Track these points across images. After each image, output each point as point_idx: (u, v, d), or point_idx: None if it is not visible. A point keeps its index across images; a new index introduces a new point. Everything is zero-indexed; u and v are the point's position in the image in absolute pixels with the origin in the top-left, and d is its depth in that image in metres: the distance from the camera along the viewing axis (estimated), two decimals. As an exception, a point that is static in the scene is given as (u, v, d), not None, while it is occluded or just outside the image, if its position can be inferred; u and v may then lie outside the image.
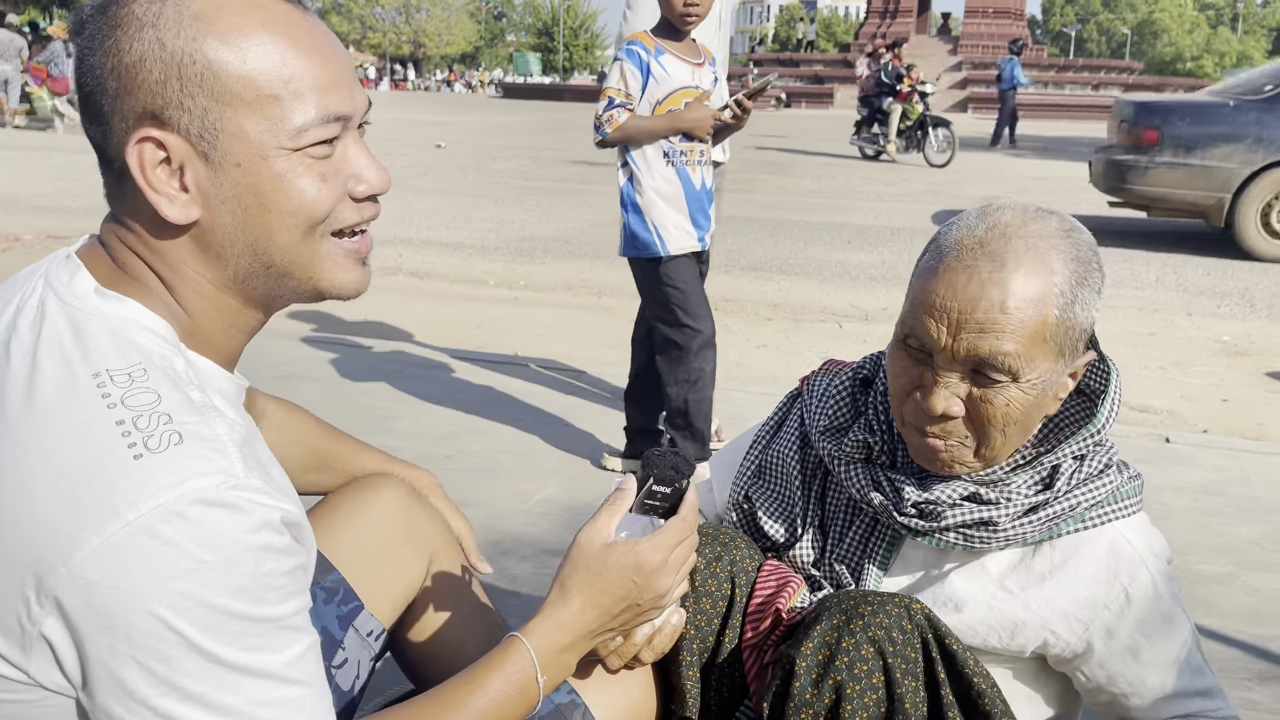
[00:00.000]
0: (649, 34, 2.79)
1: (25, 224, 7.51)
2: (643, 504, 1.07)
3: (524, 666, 0.99)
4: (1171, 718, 1.19)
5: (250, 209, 0.85)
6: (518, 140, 17.09)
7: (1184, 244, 8.24)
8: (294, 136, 0.84)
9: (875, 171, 13.09)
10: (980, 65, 36.30)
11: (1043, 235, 1.10)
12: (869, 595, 1.12)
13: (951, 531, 1.18)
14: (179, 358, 0.86)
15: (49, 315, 0.83)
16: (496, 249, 7.28)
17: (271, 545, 0.79)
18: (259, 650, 0.78)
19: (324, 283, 0.90)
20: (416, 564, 1.37)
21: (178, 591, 0.74)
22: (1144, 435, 3.52)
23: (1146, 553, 1.17)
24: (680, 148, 2.77)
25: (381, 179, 0.91)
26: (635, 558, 1.02)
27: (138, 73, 0.82)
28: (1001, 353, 1.07)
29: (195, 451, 0.78)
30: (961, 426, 1.13)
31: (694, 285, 2.84)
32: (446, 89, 55.62)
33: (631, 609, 1.04)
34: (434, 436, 3.23)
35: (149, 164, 0.83)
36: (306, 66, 0.85)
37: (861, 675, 1.07)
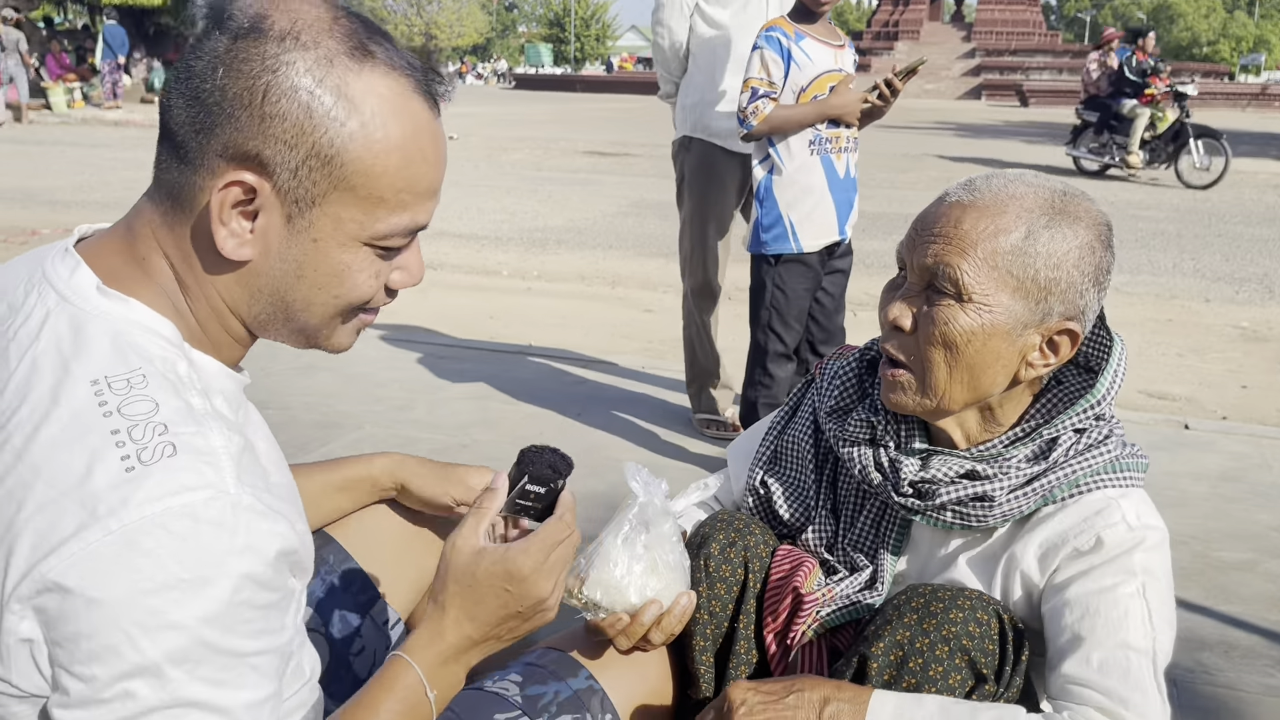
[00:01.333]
0: (785, 19, 2.69)
1: (42, 218, 7.56)
2: (514, 504, 1.02)
3: (411, 683, 0.97)
4: (1059, 702, 1.07)
5: (304, 278, 0.86)
6: (530, 131, 17.09)
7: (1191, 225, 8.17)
8: (376, 237, 0.86)
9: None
10: (994, 52, 36.09)
11: (1025, 182, 1.12)
12: (940, 591, 1.11)
13: (948, 510, 1.16)
14: (182, 360, 0.85)
15: (50, 315, 0.82)
16: (509, 239, 7.29)
17: (252, 574, 0.76)
18: (218, 685, 0.76)
19: (328, 344, 0.93)
20: (431, 552, 1.37)
21: (148, 607, 0.73)
22: (1163, 422, 3.49)
23: (1135, 519, 1.11)
24: (826, 134, 2.66)
25: (420, 277, 0.93)
26: (505, 565, 0.98)
27: (273, 125, 0.80)
28: (946, 262, 1.10)
29: (187, 465, 0.76)
30: (910, 345, 1.14)
31: (800, 296, 2.76)
32: (458, 80, 55.62)
33: (514, 617, 0.99)
34: (449, 427, 3.24)
35: (230, 200, 0.82)
36: (419, 180, 0.86)
37: (937, 677, 1.06)
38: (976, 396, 1.15)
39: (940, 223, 1.12)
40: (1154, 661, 1.05)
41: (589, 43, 71.08)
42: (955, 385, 1.13)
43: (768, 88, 2.64)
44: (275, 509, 0.80)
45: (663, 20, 3.17)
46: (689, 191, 3.23)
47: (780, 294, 2.75)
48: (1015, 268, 1.09)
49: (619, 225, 7.99)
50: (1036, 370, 1.14)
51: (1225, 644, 2.11)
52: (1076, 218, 1.11)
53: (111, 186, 9.40)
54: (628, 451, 3.10)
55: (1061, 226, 1.10)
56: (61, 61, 19.37)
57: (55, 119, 17.16)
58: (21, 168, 10.61)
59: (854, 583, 1.24)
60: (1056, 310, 1.11)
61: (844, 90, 2.64)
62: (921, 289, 1.14)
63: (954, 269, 1.10)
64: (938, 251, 1.11)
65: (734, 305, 5.28)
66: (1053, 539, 1.13)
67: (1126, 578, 1.08)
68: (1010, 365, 1.14)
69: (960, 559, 1.19)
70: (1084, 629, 1.07)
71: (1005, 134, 18.43)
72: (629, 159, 12.96)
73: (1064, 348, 1.14)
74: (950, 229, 1.11)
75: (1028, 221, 1.10)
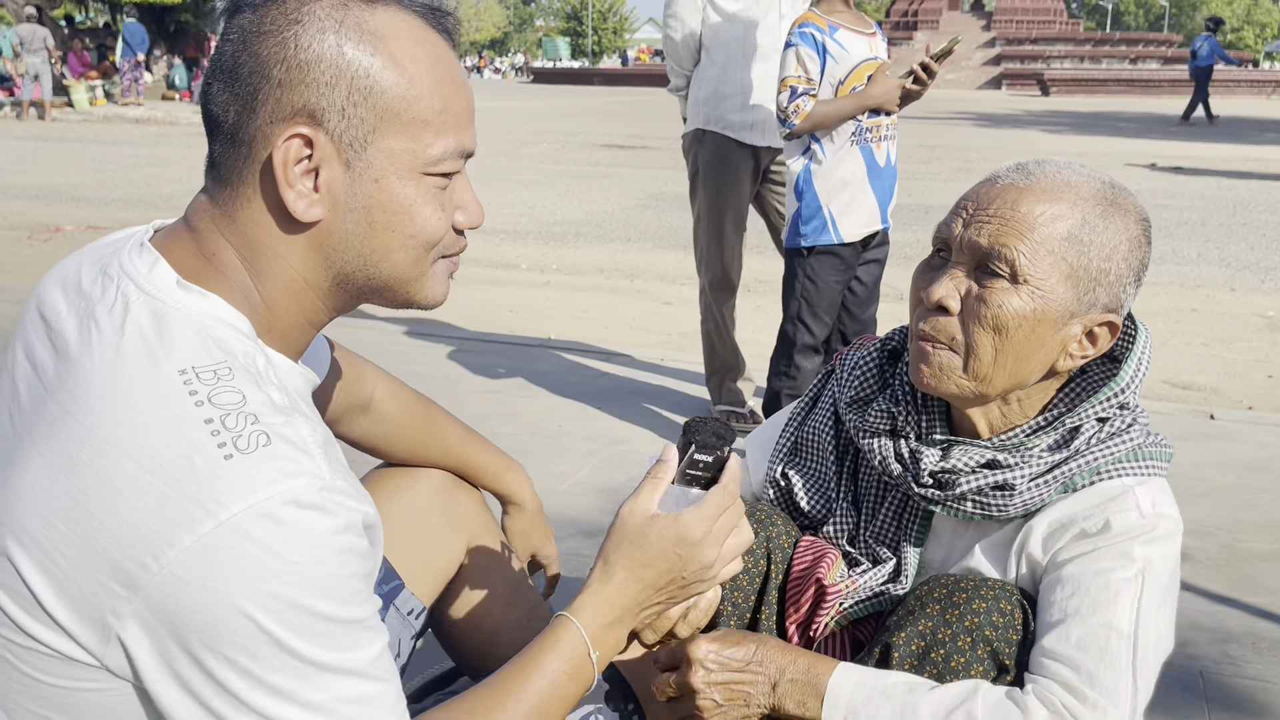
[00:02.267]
0: (816, 11, 2.67)
1: (66, 214, 7.63)
2: (684, 474, 1.06)
3: (576, 645, 0.99)
4: (1033, 676, 1.07)
5: (376, 224, 0.87)
6: (548, 125, 17.09)
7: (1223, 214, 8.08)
8: (431, 163, 0.88)
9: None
10: (1014, 41, 35.79)
11: (1076, 171, 1.12)
12: (963, 581, 1.11)
13: (968, 499, 1.15)
14: (260, 354, 0.86)
15: (131, 307, 0.83)
16: (528, 233, 7.30)
17: (354, 548, 0.80)
18: (345, 650, 0.80)
19: (419, 296, 0.94)
20: (456, 544, 1.37)
21: (268, 592, 0.76)
22: (1188, 413, 3.46)
23: (1149, 506, 1.10)
24: (868, 124, 2.65)
25: (481, 215, 0.95)
26: (678, 530, 1.01)
27: (310, 70, 0.83)
28: (1003, 243, 1.08)
29: (283, 453, 0.78)
30: (954, 326, 1.12)
31: (830, 288, 2.75)
32: (476, 75, 55.70)
33: (676, 582, 1.03)
34: (469, 419, 3.23)
35: (292, 159, 0.84)
36: (455, 101, 0.89)
37: (959, 667, 1.06)
38: (1016, 383, 1.14)
39: (996, 203, 1.11)
40: (1134, 646, 1.04)
41: (606, 36, 70.98)
42: (999, 370, 1.12)
43: (806, 85, 2.62)
44: (361, 490, 0.84)
45: (675, 13, 3.16)
46: (704, 185, 3.22)
47: (811, 285, 2.74)
48: (1070, 255, 1.08)
49: (637, 218, 7.98)
50: (1074, 361, 1.13)
51: (1252, 635, 2.09)
52: (1126, 210, 1.11)
53: (134, 183, 9.48)
54: (649, 444, 3.10)
55: (1114, 218, 1.10)
56: (84, 59, 19.54)
57: (78, 116, 17.31)
58: (45, 165, 10.71)
59: (877, 575, 1.23)
60: (1101, 301, 1.11)
61: (881, 79, 2.62)
62: (971, 270, 1.12)
63: (1011, 250, 1.08)
64: (994, 232, 1.09)
65: (753, 297, 5.27)
66: (1062, 519, 1.12)
67: (1125, 562, 1.07)
68: (1052, 354, 1.12)
69: (977, 548, 1.19)
70: (1071, 606, 1.06)
71: (1026, 123, 18.29)
72: (647, 151, 12.94)
73: (1102, 340, 1.13)
74: (1008, 210, 1.10)
75: (1084, 210, 1.09)
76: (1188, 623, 2.14)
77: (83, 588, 0.77)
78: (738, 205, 3.21)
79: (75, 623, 0.78)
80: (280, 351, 0.90)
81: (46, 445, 0.80)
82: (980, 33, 36.39)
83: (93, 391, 0.80)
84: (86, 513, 0.76)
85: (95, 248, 0.91)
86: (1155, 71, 32.11)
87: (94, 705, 0.81)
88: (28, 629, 0.79)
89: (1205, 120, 18.01)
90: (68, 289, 0.87)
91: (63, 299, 0.87)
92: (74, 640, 0.78)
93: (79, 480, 0.77)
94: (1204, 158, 12.52)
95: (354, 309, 0.96)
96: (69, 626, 0.78)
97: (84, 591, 0.77)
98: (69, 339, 0.83)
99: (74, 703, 0.81)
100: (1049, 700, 1.02)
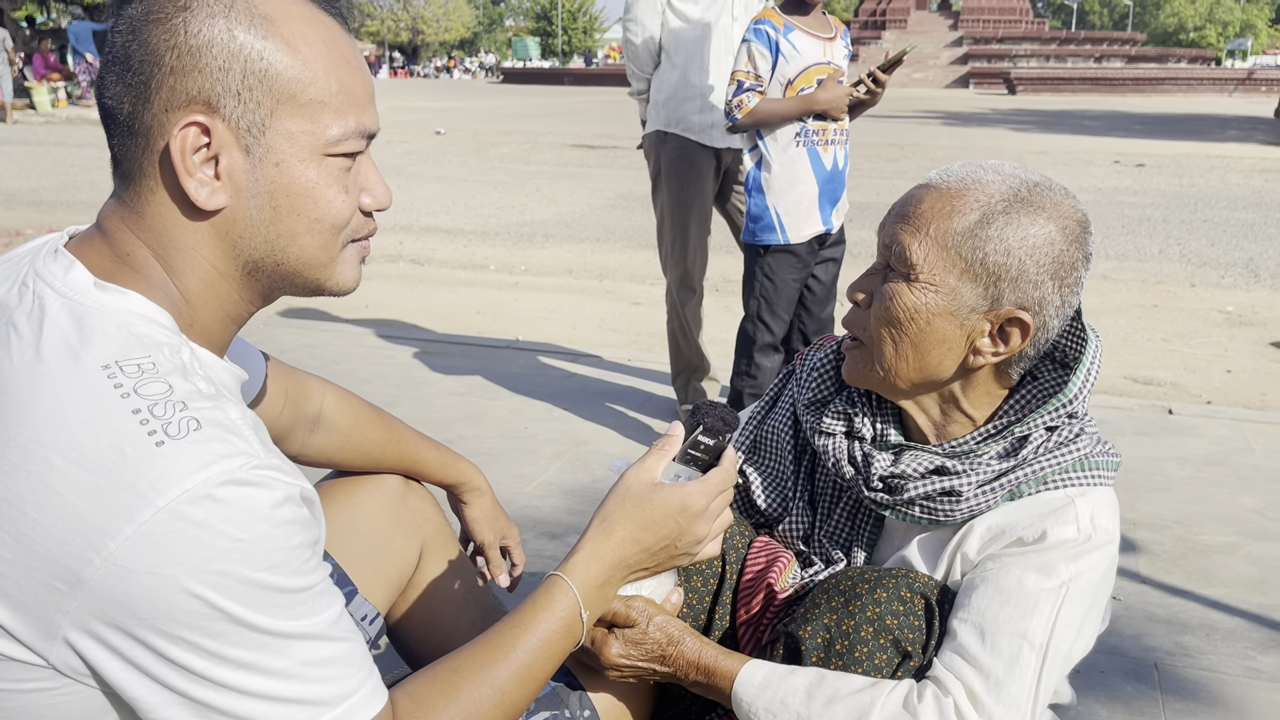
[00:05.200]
0: (776, 10, 2.70)
1: (27, 219, 7.52)
2: (686, 453, 1.09)
3: (568, 604, 1.01)
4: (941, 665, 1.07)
5: (280, 208, 0.87)
6: (517, 125, 17.05)
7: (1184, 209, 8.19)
8: (331, 144, 0.88)
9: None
10: (981, 40, 36.11)
11: (996, 171, 1.14)
12: (866, 573, 1.12)
13: (916, 505, 1.17)
14: (185, 348, 0.86)
15: (49, 309, 0.82)
16: (497, 234, 7.27)
17: (296, 518, 0.81)
18: (302, 617, 0.81)
19: (330, 282, 0.93)
20: (409, 549, 1.37)
21: (216, 570, 0.76)
22: (1147, 407, 3.51)
23: (1088, 520, 1.10)
24: (814, 127, 2.66)
25: (388, 196, 0.95)
26: (682, 499, 1.05)
27: (201, 56, 0.83)
28: (900, 242, 1.13)
29: (215, 435, 0.79)
30: (864, 320, 1.17)
31: (788, 286, 2.77)
32: (446, 75, 55.45)
33: (668, 549, 1.06)
34: (435, 422, 3.24)
35: (189, 148, 0.84)
36: (352, 81, 0.89)
37: (863, 657, 1.07)
38: (924, 377, 1.16)
39: (906, 204, 1.15)
40: (1044, 658, 1.05)
41: (576, 36, 70.89)
42: (900, 361, 1.15)
43: (753, 81, 2.66)
44: (295, 468, 0.84)
45: (635, 17, 3.18)
46: (667, 186, 3.23)
47: (769, 283, 2.76)
48: (964, 250, 1.10)
49: (606, 218, 7.98)
50: (986, 358, 1.14)
51: (1207, 627, 2.12)
52: (1039, 208, 1.11)
53: (96, 186, 9.35)
54: (615, 444, 3.10)
55: (1019, 215, 1.10)
56: (48, 61, 19.24)
57: (39, 119, 17.06)
58: (5, 168, 10.55)
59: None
60: (1007, 298, 1.11)
61: (830, 85, 2.65)
62: (882, 268, 1.17)
63: (905, 247, 1.12)
64: (895, 231, 1.14)
65: (720, 297, 5.28)
66: (1002, 525, 1.13)
67: (1051, 575, 1.08)
68: (957, 349, 1.14)
69: (914, 545, 1.20)
70: (991, 610, 1.07)
71: (993, 122, 18.46)
72: (617, 151, 12.94)
73: (1015, 338, 1.13)
74: (911, 210, 1.14)
75: (984, 207, 1.10)
76: (1143, 615, 2.17)
77: (22, 588, 0.76)
78: (702, 206, 3.23)
79: (16, 623, 0.77)
80: (204, 347, 0.90)
81: None
82: (948, 32, 36.68)
83: (14, 394, 0.79)
84: (19, 512, 0.76)
85: (7, 259, 0.91)
86: (1119, 70, 32.51)
87: (35, 706, 0.80)
88: None
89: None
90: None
91: None
92: (16, 641, 0.78)
93: (8, 480, 0.76)
94: (1166, 155, 12.70)
95: (273, 300, 0.95)
96: (10, 627, 0.77)
97: (24, 591, 0.76)
98: None
99: (15, 705, 0.80)
100: (944, 709, 1.02)
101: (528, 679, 0.98)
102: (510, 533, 1.52)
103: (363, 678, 0.86)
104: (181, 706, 0.79)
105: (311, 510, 0.85)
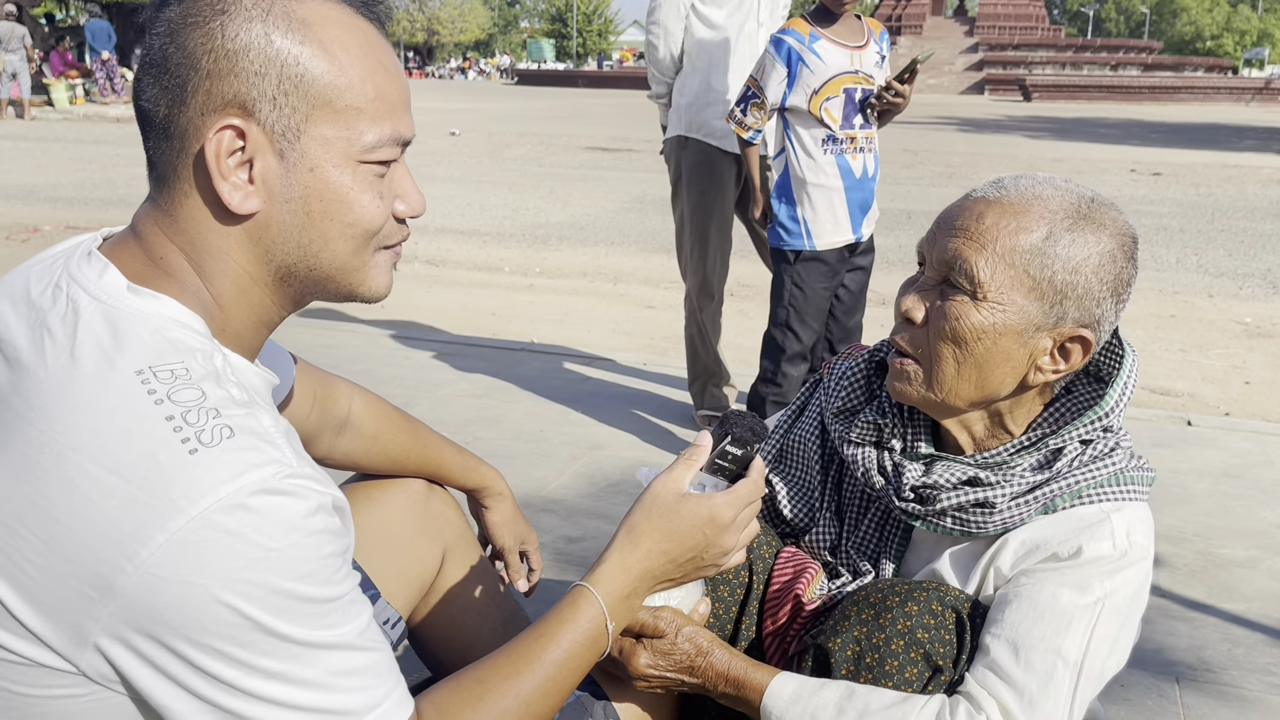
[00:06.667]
0: (804, 19, 2.68)
1: (44, 215, 7.56)
2: (714, 463, 1.08)
3: (594, 615, 1.00)
4: (973, 679, 1.07)
5: (313, 213, 0.87)
6: (532, 127, 17.07)
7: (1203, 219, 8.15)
8: (366, 151, 0.87)
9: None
10: (997, 47, 36.02)
11: (1053, 185, 1.12)
12: (896, 585, 1.11)
13: (948, 515, 1.15)
14: (217, 353, 0.86)
15: (83, 313, 0.82)
16: (511, 236, 7.28)
17: (328, 528, 0.81)
18: (332, 626, 0.81)
19: (362, 288, 0.93)
20: (431, 553, 1.37)
21: (248, 580, 0.76)
22: (1166, 419, 3.48)
23: (1123, 536, 1.10)
24: (841, 135, 2.66)
25: (422, 203, 0.95)
26: (709, 510, 1.04)
27: (238, 60, 0.83)
28: (964, 256, 1.10)
29: (248, 444, 0.78)
30: (920, 337, 1.14)
31: (818, 294, 2.75)
32: (460, 76, 55.60)
33: (694, 561, 1.05)
34: (452, 423, 3.24)
35: (224, 151, 0.84)
36: (388, 87, 0.89)
37: (893, 670, 1.06)
38: (983, 396, 1.14)
39: (963, 217, 1.12)
40: (1079, 675, 1.05)
41: (591, 38, 70.96)
42: (962, 382, 1.12)
43: (757, 90, 2.70)
44: (327, 477, 0.84)
45: (659, 20, 3.17)
46: (688, 191, 3.22)
47: (799, 292, 2.74)
48: (1033, 267, 1.08)
49: (621, 221, 7.98)
50: (1045, 376, 1.13)
51: (1229, 641, 2.11)
52: (1101, 225, 1.10)
53: (114, 183, 9.40)
54: (631, 448, 3.10)
55: (1084, 232, 1.09)
56: (66, 58, 19.36)
57: (57, 115, 17.16)
58: (23, 164, 10.61)
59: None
60: (1071, 315, 1.10)
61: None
62: (938, 283, 1.14)
63: (970, 264, 1.09)
64: (957, 246, 1.11)
65: (736, 302, 5.27)
66: (1037, 540, 1.12)
67: (1086, 591, 1.07)
68: (1019, 367, 1.12)
69: (946, 558, 1.19)
70: (1025, 626, 1.06)
71: (1008, 129, 18.41)
72: (631, 154, 12.94)
73: (1075, 355, 1.12)
74: (972, 224, 1.11)
75: (1050, 223, 1.09)
76: (1164, 629, 2.15)
77: (54, 594, 0.76)
78: (722, 212, 3.22)
79: (48, 630, 0.77)
80: (236, 352, 0.90)
81: (3, 453, 0.79)
82: (963, 38, 36.61)
83: (48, 397, 0.79)
84: (52, 518, 0.76)
85: (41, 259, 0.91)
86: (1136, 78, 32.38)
87: (66, 712, 0.80)
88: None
89: None
90: (16, 301, 0.86)
91: (10, 311, 0.86)
92: (48, 647, 0.78)
93: (41, 486, 0.76)
94: (1183, 164, 12.64)
95: (304, 305, 0.95)
96: (41, 634, 0.77)
97: (56, 598, 0.76)
98: (20, 348, 0.82)
99: (44, 711, 0.80)
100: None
101: (552, 690, 0.97)
102: (529, 538, 1.52)
103: (390, 687, 0.86)
104: (210, 715, 0.79)
105: (342, 519, 0.85)
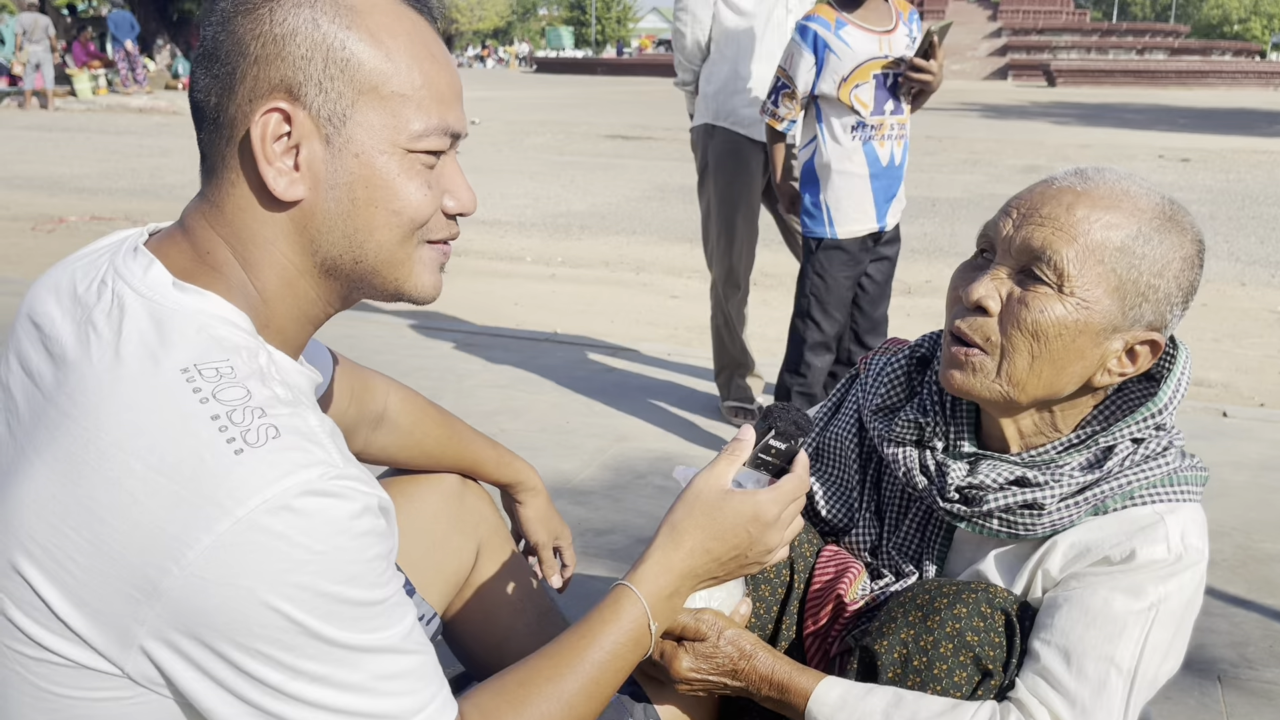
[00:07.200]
0: (829, 4, 2.64)
1: (69, 205, 7.60)
2: (757, 457, 1.06)
3: (636, 615, 0.99)
4: (1022, 686, 1.05)
5: (358, 200, 0.86)
6: (552, 115, 17.04)
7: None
8: (413, 139, 0.86)
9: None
10: (1020, 31, 35.64)
11: (1137, 182, 1.09)
12: (944, 586, 1.08)
13: (995, 517, 1.12)
14: (262, 351, 0.85)
15: (128, 309, 0.81)
16: (533, 225, 7.26)
17: (374, 530, 0.80)
18: (377, 630, 0.80)
19: (408, 284, 0.91)
20: (466, 548, 1.36)
21: (294, 584, 0.75)
22: (1201, 410, 3.43)
23: (1178, 539, 1.06)
24: (870, 121, 2.63)
25: (473, 200, 0.93)
26: (754, 507, 1.02)
27: (286, 44, 0.83)
28: (1052, 248, 1.05)
29: (294, 444, 0.77)
30: (990, 327, 1.08)
31: (839, 283, 2.71)
32: (479, 64, 55.58)
33: (738, 559, 1.03)
34: (474, 415, 3.23)
35: (270, 135, 0.83)
36: (437, 77, 0.88)
37: (942, 674, 1.04)
38: (1049, 393, 1.10)
39: (1049, 205, 1.07)
40: (1132, 683, 1.03)
41: (610, 26, 70.74)
42: (1033, 377, 1.08)
43: (787, 80, 2.66)
44: (371, 477, 0.83)
45: (687, 7, 3.13)
46: (714, 179, 3.19)
47: (820, 281, 2.71)
48: (1120, 266, 1.05)
49: (643, 210, 7.94)
50: (1112, 377, 1.10)
51: (1270, 638, 2.07)
52: (1184, 229, 1.07)
53: (138, 173, 9.44)
54: (657, 440, 3.08)
55: (1171, 234, 1.06)
56: (88, 48, 19.48)
57: (80, 105, 17.27)
58: (48, 155, 10.68)
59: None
60: (1146, 318, 1.07)
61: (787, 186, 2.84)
62: (1014, 272, 1.09)
63: (1060, 256, 1.05)
64: (1046, 236, 1.06)
65: (760, 291, 5.23)
66: (1088, 543, 1.08)
67: (1140, 597, 1.04)
68: (1090, 367, 1.09)
69: (991, 559, 1.15)
70: (1077, 632, 1.03)
71: (1033, 115, 18.21)
72: (651, 142, 12.89)
73: (1143, 358, 1.09)
74: (1061, 214, 1.06)
75: (1139, 221, 1.05)
76: (1205, 625, 2.11)
77: (99, 595, 0.75)
78: (749, 201, 3.19)
79: (93, 631, 0.76)
80: (280, 349, 0.89)
81: (49, 452, 0.78)
82: (986, 23, 36.25)
83: (93, 395, 0.78)
84: (97, 518, 0.75)
85: (87, 254, 0.90)
86: (1162, 63, 31.95)
87: (109, 715, 0.80)
88: (41, 640, 0.78)
89: None
90: (61, 296, 0.86)
91: (56, 306, 0.85)
92: (92, 649, 0.77)
93: (86, 485, 0.76)
94: (1212, 150, 12.46)
95: (351, 304, 0.94)
96: (86, 635, 0.77)
97: (101, 599, 0.75)
98: (66, 345, 0.82)
99: (87, 714, 0.80)
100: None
101: (595, 692, 0.95)
102: (563, 533, 1.50)
103: (434, 691, 0.85)
104: (254, 718, 0.78)
105: (388, 520, 0.83)
